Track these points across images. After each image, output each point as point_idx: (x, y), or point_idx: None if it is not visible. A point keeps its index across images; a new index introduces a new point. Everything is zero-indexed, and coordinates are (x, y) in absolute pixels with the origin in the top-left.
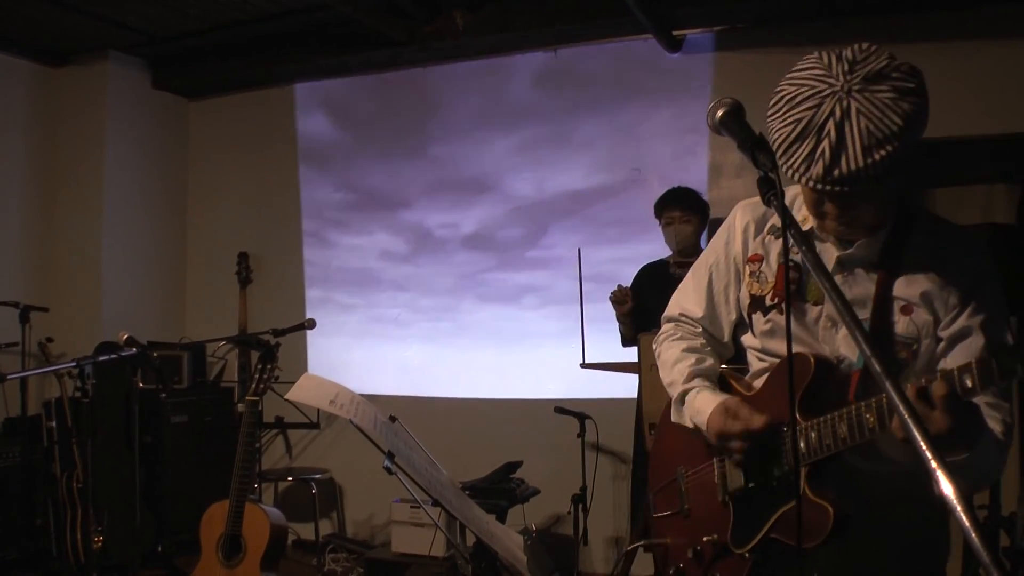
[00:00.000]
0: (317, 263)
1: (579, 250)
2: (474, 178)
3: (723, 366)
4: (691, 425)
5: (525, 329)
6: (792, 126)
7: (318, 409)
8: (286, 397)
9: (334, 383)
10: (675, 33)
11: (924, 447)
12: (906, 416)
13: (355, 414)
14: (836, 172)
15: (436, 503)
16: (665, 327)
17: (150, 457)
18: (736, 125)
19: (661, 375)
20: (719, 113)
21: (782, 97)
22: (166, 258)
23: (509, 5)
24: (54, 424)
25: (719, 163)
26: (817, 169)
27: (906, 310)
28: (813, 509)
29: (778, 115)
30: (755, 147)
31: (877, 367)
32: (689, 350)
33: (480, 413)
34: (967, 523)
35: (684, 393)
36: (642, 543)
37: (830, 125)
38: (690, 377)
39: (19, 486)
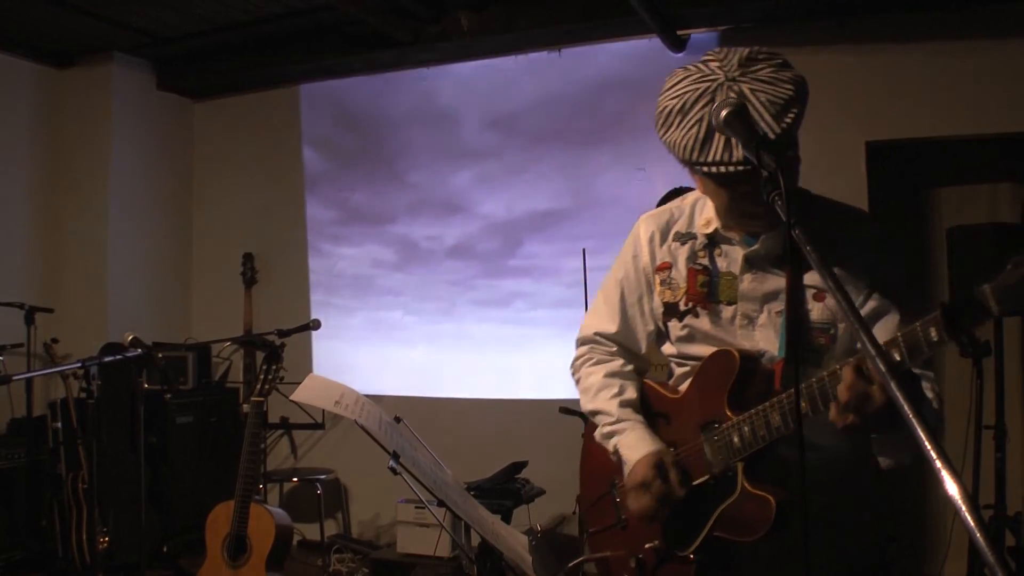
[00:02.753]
0: (321, 265)
1: (583, 250)
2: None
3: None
4: (611, 451)
5: (529, 329)
6: (696, 128)
7: (323, 410)
8: (291, 398)
9: (339, 384)
10: (680, 33)
11: (927, 443)
12: (909, 414)
13: (360, 415)
14: None
15: (441, 503)
16: (580, 351)
17: (155, 458)
18: (740, 125)
19: (582, 402)
20: (723, 113)
21: (670, 110)
22: (171, 259)
23: (513, 5)
24: (59, 425)
25: None
26: (739, 152)
27: (818, 297)
28: (753, 501)
29: (674, 127)
30: (759, 147)
31: (882, 366)
32: (610, 375)
33: (485, 413)
34: (972, 523)
35: (614, 423)
36: (582, 559)
37: None
38: (619, 408)
39: (25, 487)
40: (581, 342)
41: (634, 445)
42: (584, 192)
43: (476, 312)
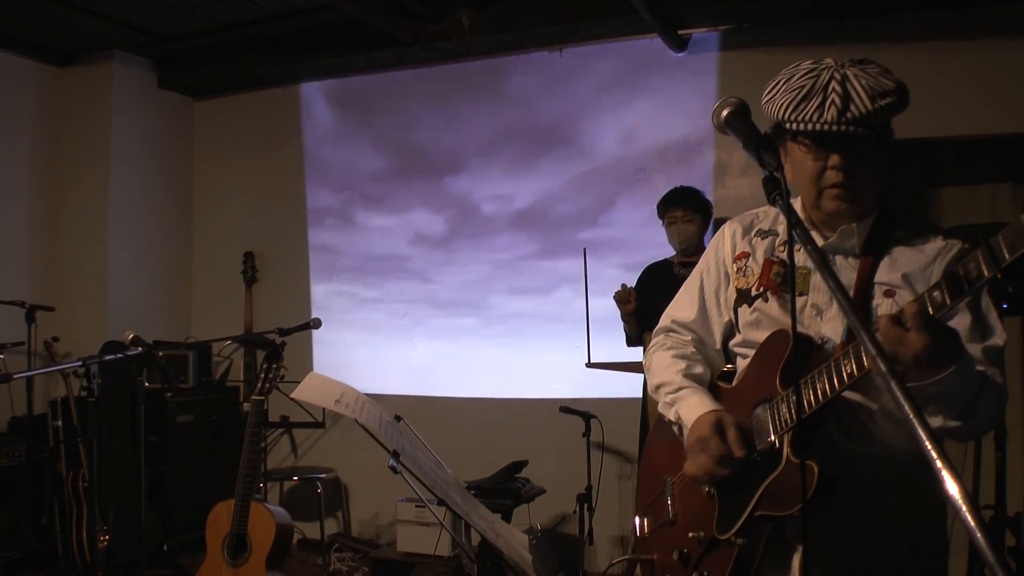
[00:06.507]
0: (321, 264)
1: (584, 250)
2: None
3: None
4: (673, 419)
5: (530, 329)
6: (796, 91)
7: (323, 408)
8: (292, 396)
9: (339, 382)
10: (680, 32)
11: (927, 442)
12: (910, 413)
13: (360, 413)
14: (849, 114)
15: (441, 502)
16: (655, 339)
17: (155, 456)
18: (741, 124)
19: (649, 381)
20: (724, 113)
21: (778, 81)
22: (172, 257)
23: (514, 5)
24: (60, 423)
25: (724, 162)
26: (831, 113)
27: (888, 293)
28: (797, 472)
29: (777, 91)
30: (761, 146)
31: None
32: (679, 356)
33: (485, 413)
34: (972, 523)
35: (676, 391)
36: (629, 557)
37: (833, 84)
38: (683, 379)
39: (25, 485)
40: (657, 331)
41: (694, 407)
42: (583, 191)
43: (477, 312)
